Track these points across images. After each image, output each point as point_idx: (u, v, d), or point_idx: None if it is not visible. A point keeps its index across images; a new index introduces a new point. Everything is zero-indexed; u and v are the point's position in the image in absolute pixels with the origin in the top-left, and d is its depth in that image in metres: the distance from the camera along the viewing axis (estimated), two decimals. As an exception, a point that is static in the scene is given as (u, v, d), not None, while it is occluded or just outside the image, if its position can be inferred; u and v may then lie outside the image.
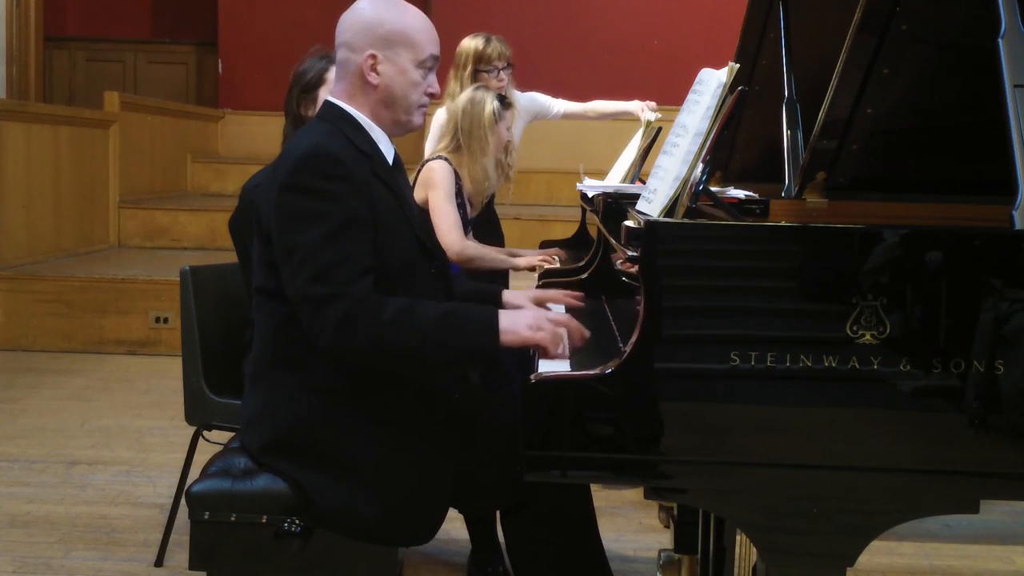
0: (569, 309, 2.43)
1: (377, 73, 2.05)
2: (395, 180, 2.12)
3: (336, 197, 1.95)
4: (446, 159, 3.48)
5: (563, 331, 1.97)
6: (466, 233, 3.59)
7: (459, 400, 2.15)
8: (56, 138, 6.34)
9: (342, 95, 2.10)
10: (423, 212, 2.97)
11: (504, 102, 3.57)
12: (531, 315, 1.98)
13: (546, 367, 1.86)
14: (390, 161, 2.13)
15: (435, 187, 3.41)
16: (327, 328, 1.90)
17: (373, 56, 2.04)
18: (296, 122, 2.92)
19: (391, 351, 1.92)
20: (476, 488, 2.13)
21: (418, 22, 2.07)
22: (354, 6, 2.10)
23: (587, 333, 2.02)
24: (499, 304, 2.36)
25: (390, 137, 2.14)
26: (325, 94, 2.87)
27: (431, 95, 2.11)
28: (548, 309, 2.36)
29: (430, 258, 2.16)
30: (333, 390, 2.01)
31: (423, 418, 2.04)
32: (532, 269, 3.47)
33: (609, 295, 2.48)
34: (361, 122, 2.08)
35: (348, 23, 2.09)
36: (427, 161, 3.52)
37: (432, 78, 2.10)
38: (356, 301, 1.90)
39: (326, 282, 1.91)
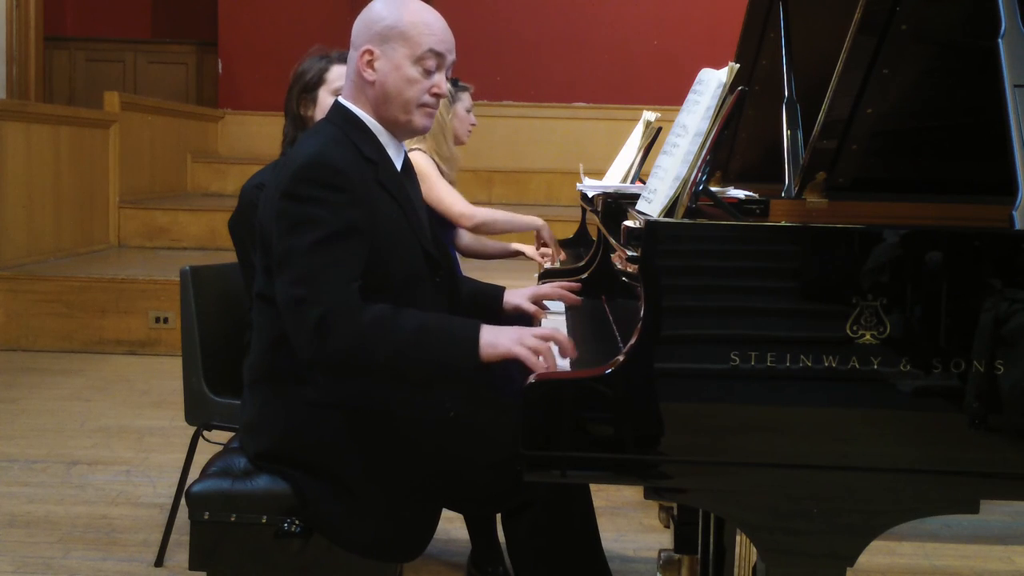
0: (569, 309, 2.44)
1: (373, 69, 2.03)
2: (402, 188, 2.09)
3: (334, 206, 1.93)
4: (421, 150, 3.57)
5: (548, 345, 1.91)
6: None
7: (456, 415, 2.13)
8: (56, 138, 6.34)
9: (348, 95, 2.09)
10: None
11: (458, 84, 3.65)
12: (515, 330, 1.93)
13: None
14: (398, 167, 2.11)
15: (424, 176, 3.47)
16: (305, 331, 1.88)
17: (369, 52, 2.03)
18: (296, 122, 2.92)
19: (368, 359, 1.89)
20: (476, 489, 2.12)
21: (418, 16, 2.03)
22: (367, 7, 2.09)
23: (574, 352, 1.96)
24: (500, 302, 2.36)
25: (399, 141, 2.12)
26: (325, 94, 2.87)
27: (436, 95, 2.06)
28: (546, 306, 2.36)
29: (435, 268, 2.13)
30: (328, 405, 2.00)
31: (417, 437, 2.02)
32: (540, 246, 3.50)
33: (609, 295, 2.48)
34: (369, 125, 2.07)
35: (355, 23, 2.07)
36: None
37: (437, 77, 2.05)
38: (336, 306, 1.88)
39: (308, 285, 1.89)
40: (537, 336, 1.91)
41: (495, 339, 1.90)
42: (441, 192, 3.46)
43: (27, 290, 5.75)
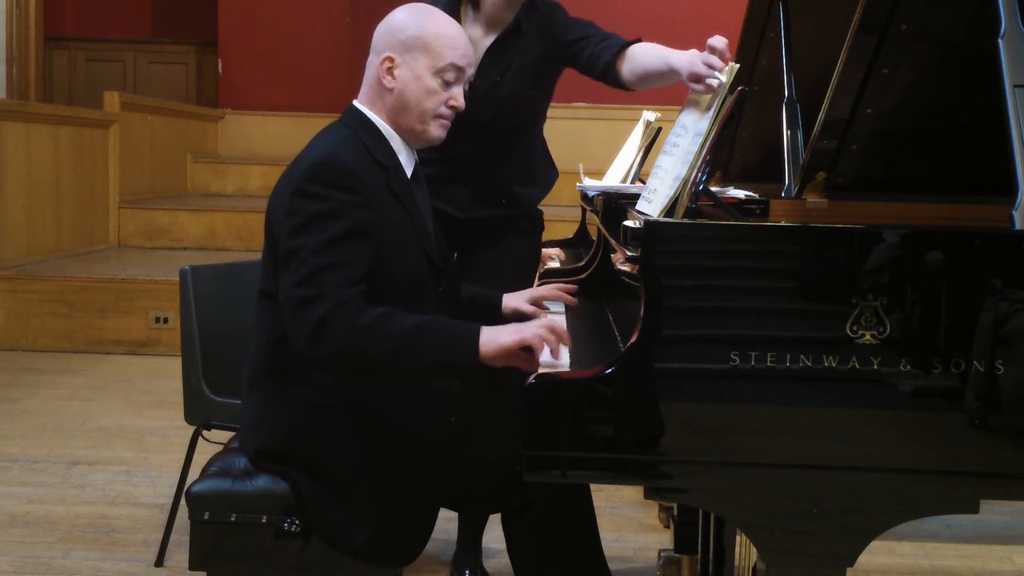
0: (568, 309, 2.43)
1: (392, 77, 2.04)
2: (411, 195, 2.09)
3: (342, 207, 1.94)
4: None
5: (547, 334, 1.89)
6: None
7: (455, 421, 2.12)
8: (56, 138, 6.34)
9: (364, 99, 2.10)
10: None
11: None
12: (513, 326, 1.93)
13: (546, 366, 1.86)
14: (409, 173, 2.11)
15: None
16: (304, 329, 1.89)
17: (390, 59, 2.04)
18: None
19: (363, 356, 1.88)
20: (477, 490, 2.12)
21: (443, 29, 2.05)
22: (389, 14, 2.10)
23: (568, 341, 1.93)
24: (498, 306, 2.35)
25: (411, 148, 2.12)
26: None
27: (453, 107, 2.07)
28: (545, 307, 2.36)
29: (439, 276, 2.14)
30: (327, 406, 2.00)
31: (416, 441, 2.02)
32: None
33: (609, 295, 2.48)
34: (382, 130, 2.07)
35: (378, 29, 2.08)
36: None
37: (456, 90, 2.06)
38: (336, 305, 1.88)
39: (312, 284, 1.89)
40: (538, 326, 1.90)
41: (495, 335, 1.89)
42: None
43: (27, 290, 5.75)
